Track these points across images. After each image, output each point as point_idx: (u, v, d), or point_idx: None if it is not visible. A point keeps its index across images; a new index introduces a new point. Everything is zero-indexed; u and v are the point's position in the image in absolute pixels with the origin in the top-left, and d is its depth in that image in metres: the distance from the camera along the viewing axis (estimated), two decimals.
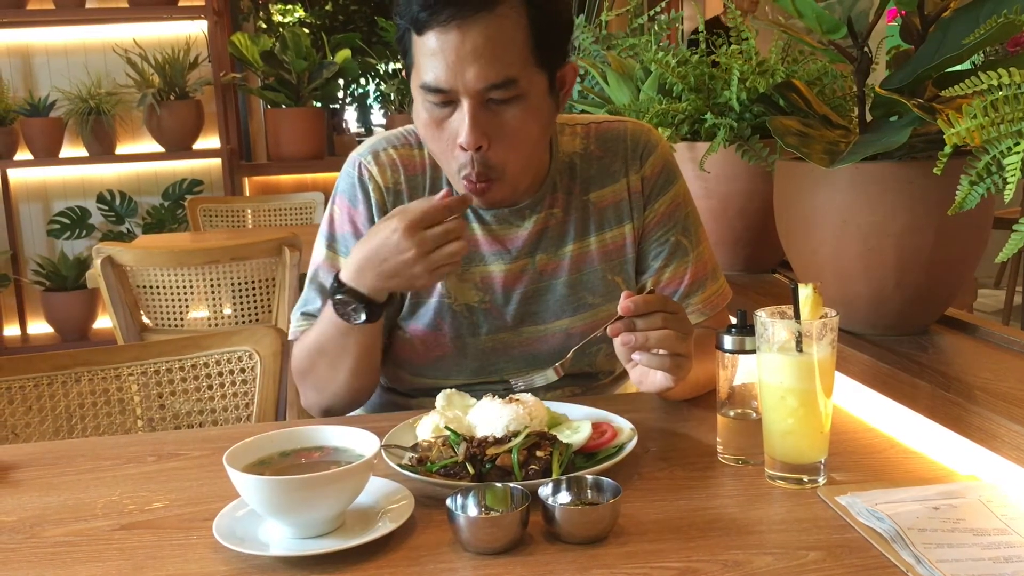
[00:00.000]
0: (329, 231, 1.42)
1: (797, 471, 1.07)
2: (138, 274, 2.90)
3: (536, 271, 1.40)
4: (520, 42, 1.21)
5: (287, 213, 4.42)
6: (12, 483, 1.17)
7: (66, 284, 4.90)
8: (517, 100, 1.23)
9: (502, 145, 1.24)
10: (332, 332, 1.29)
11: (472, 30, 1.18)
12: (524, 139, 1.26)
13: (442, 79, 1.20)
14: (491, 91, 1.21)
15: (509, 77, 1.21)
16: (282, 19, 6.13)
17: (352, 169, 1.41)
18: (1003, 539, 0.92)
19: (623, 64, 2.04)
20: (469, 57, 1.18)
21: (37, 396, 1.54)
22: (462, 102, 1.21)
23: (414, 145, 1.41)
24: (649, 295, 1.16)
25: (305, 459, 1.04)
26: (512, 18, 1.20)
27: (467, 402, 1.21)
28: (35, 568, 0.95)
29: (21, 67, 5.00)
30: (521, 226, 1.39)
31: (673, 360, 1.15)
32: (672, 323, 1.14)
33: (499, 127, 1.23)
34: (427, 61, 1.21)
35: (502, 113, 1.23)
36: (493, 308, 1.39)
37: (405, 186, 1.39)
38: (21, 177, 5.06)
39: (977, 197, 1.07)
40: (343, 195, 1.41)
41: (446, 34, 1.18)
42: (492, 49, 1.19)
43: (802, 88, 1.47)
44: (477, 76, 1.19)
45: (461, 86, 1.20)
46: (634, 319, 1.13)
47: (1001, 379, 1.17)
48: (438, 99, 1.23)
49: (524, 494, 0.97)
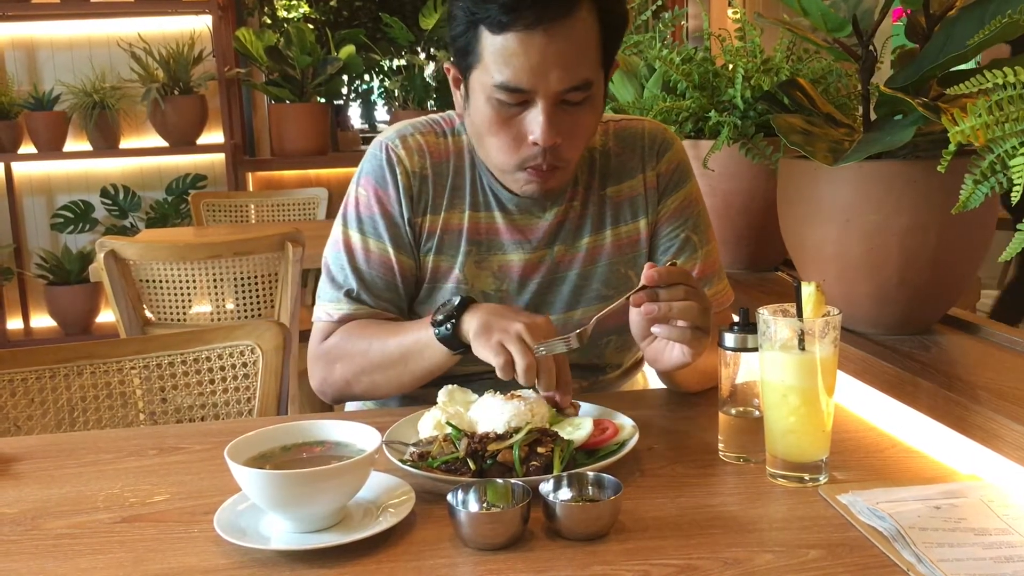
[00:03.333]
0: (356, 213, 1.41)
1: (798, 469, 1.07)
2: (141, 268, 2.90)
3: (553, 262, 1.42)
4: (593, 46, 1.25)
5: (290, 208, 4.42)
6: (14, 475, 1.18)
7: (69, 278, 4.91)
8: (587, 101, 1.27)
9: (571, 141, 1.28)
10: (424, 352, 1.28)
11: (557, 34, 1.20)
12: (589, 134, 1.33)
13: (523, 80, 1.22)
14: (569, 93, 1.24)
15: (587, 80, 1.25)
16: (286, 14, 6.13)
17: (379, 152, 1.41)
18: (1004, 539, 0.92)
19: (627, 61, 2.04)
20: (552, 60, 1.21)
21: (39, 389, 1.54)
22: (537, 103, 1.24)
23: (439, 133, 1.43)
24: (672, 267, 1.17)
25: (306, 453, 1.04)
26: (588, 21, 1.23)
27: (468, 398, 1.21)
28: (36, 560, 0.95)
29: (26, 61, 5.01)
30: (542, 217, 1.41)
31: (693, 333, 1.15)
32: (694, 296, 1.15)
33: (570, 125, 1.27)
34: (505, 61, 1.22)
35: (574, 112, 1.27)
36: (508, 297, 1.41)
37: (431, 172, 1.40)
38: (25, 171, 5.06)
39: (981, 196, 1.06)
40: (369, 176, 1.41)
41: (530, 37, 1.20)
42: (573, 53, 1.22)
43: (806, 86, 1.47)
44: (560, 79, 1.22)
45: (542, 88, 1.22)
46: (657, 290, 1.14)
47: (1004, 379, 1.16)
48: (513, 99, 1.24)
49: (525, 490, 0.97)
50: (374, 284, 1.39)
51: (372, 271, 1.39)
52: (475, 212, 1.40)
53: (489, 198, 1.41)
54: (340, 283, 1.41)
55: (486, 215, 1.41)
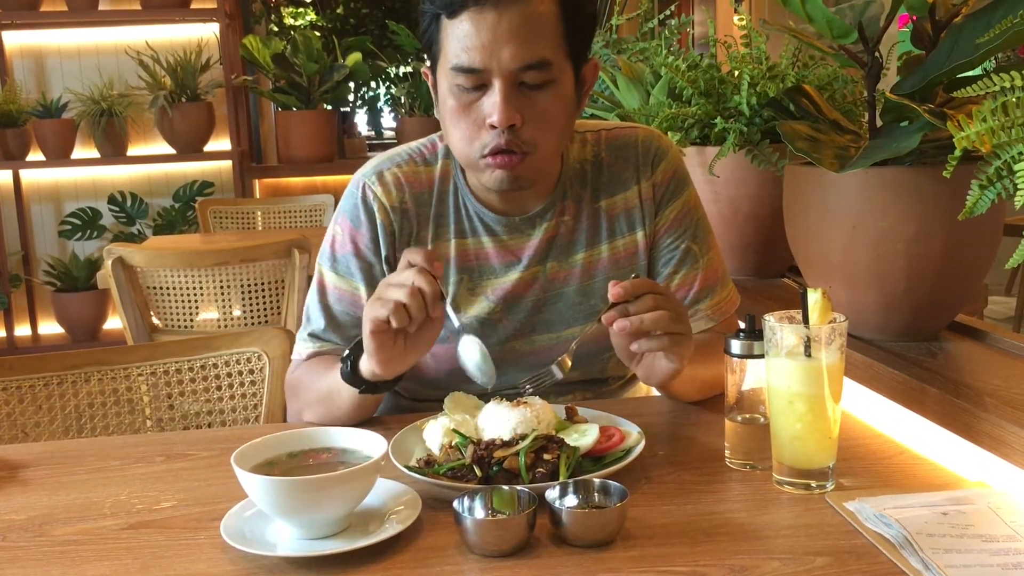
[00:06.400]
0: (331, 251, 1.41)
1: (805, 476, 1.07)
2: (148, 275, 2.91)
3: (547, 279, 1.39)
4: (552, 27, 1.22)
5: (297, 215, 4.44)
6: (21, 482, 1.18)
7: (77, 285, 4.93)
8: (548, 85, 1.24)
9: (534, 125, 1.24)
10: (341, 391, 1.28)
11: (508, 11, 1.19)
12: (555, 121, 1.27)
13: (476, 59, 1.20)
14: (525, 72, 1.21)
15: (544, 58, 1.22)
16: (293, 22, 6.14)
17: (356, 190, 1.40)
18: (1012, 545, 0.91)
19: (633, 68, 2.04)
20: (504, 37, 1.19)
21: (47, 395, 1.54)
22: (494, 84, 1.21)
23: (419, 162, 1.41)
24: (636, 279, 1.16)
25: (313, 460, 1.05)
26: (545, 4, 1.21)
27: (475, 404, 1.21)
28: (43, 566, 0.95)
29: (34, 68, 5.03)
30: (531, 234, 1.39)
31: (672, 339, 1.14)
32: (664, 303, 1.14)
33: (530, 108, 1.23)
34: (459, 43, 1.21)
35: (533, 97, 1.24)
36: (504, 318, 1.38)
37: (411, 203, 1.38)
38: (33, 178, 5.09)
39: (988, 202, 1.06)
40: (346, 215, 1.40)
41: (482, 14, 1.19)
42: (528, 30, 1.20)
43: (812, 93, 1.47)
44: (512, 56, 1.20)
45: (495, 66, 1.20)
46: (626, 305, 1.13)
47: (1011, 386, 1.16)
48: (469, 81, 1.22)
49: (531, 497, 0.97)
50: (345, 323, 1.39)
51: (343, 309, 1.39)
52: (462, 239, 1.38)
53: (476, 223, 1.38)
54: (310, 321, 1.41)
55: (474, 240, 1.38)
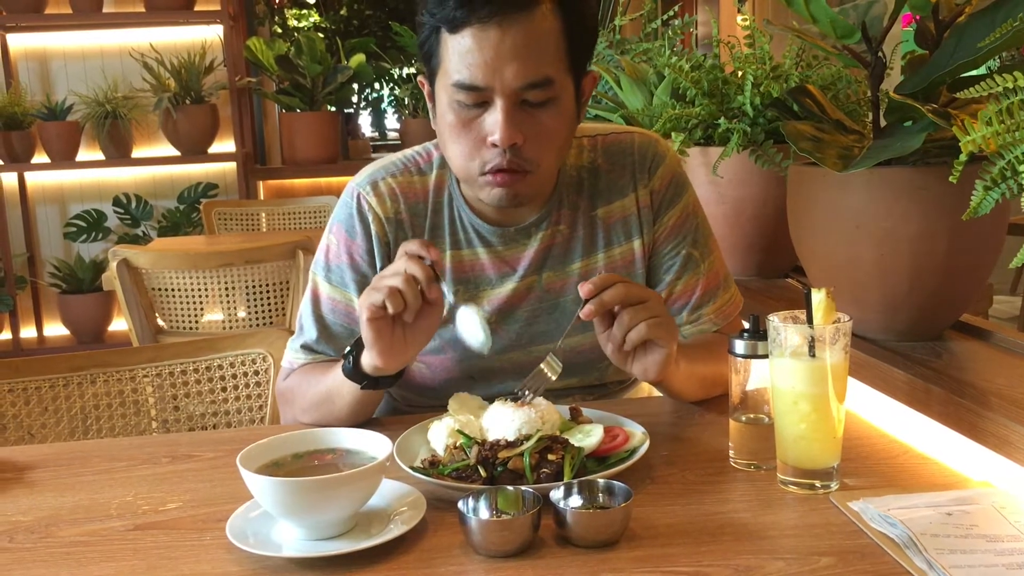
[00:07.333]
0: (325, 261, 1.40)
1: (809, 476, 1.07)
2: (153, 277, 2.92)
3: (543, 289, 1.38)
4: (555, 44, 1.21)
5: (301, 217, 4.44)
6: (28, 483, 1.18)
7: (82, 286, 4.94)
8: (550, 103, 1.23)
9: (535, 143, 1.23)
10: (342, 389, 1.28)
11: (512, 28, 1.17)
12: (555, 139, 1.26)
13: (479, 77, 1.19)
14: (528, 91, 1.20)
15: (547, 76, 1.20)
16: (297, 24, 6.15)
17: (351, 200, 1.39)
18: (1016, 545, 0.91)
19: (636, 69, 2.04)
20: (508, 55, 1.18)
21: (53, 397, 1.55)
22: (496, 101, 1.20)
23: (414, 172, 1.39)
24: (603, 275, 1.17)
25: (318, 461, 1.05)
26: (549, 20, 1.20)
27: (479, 405, 1.22)
28: (50, 567, 0.96)
29: (39, 71, 5.05)
30: (527, 244, 1.38)
31: (650, 323, 1.15)
32: (633, 289, 1.16)
33: (532, 126, 1.22)
34: (461, 59, 1.19)
35: (535, 114, 1.22)
36: (501, 329, 1.37)
37: (406, 214, 1.37)
38: (38, 180, 5.10)
39: (992, 202, 1.06)
40: (340, 225, 1.39)
41: (485, 32, 1.17)
42: (531, 48, 1.18)
43: (816, 93, 1.47)
44: (516, 74, 1.18)
45: (498, 84, 1.19)
46: (599, 296, 1.14)
47: (1016, 385, 1.16)
48: (471, 98, 1.21)
49: (536, 497, 0.97)
50: (338, 333, 1.38)
51: (336, 320, 1.38)
52: (457, 251, 1.37)
53: (471, 235, 1.37)
54: (303, 332, 1.40)
55: (469, 252, 1.37)
